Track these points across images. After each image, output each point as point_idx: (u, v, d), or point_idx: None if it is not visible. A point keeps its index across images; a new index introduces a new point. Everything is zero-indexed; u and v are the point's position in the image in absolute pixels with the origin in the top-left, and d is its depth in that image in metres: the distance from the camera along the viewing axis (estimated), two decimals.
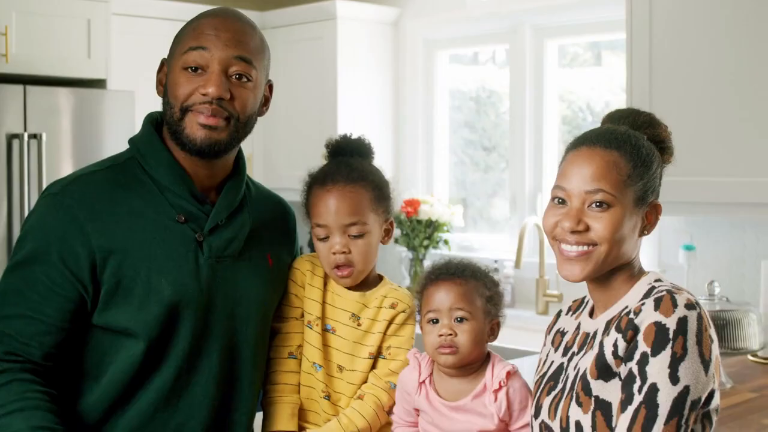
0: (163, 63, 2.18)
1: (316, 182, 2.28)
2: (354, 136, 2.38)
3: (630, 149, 1.88)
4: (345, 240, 2.22)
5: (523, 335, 4.23)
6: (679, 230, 4.24)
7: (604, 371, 1.81)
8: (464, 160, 5.52)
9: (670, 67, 3.79)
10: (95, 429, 2.07)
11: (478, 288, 2.11)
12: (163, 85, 2.15)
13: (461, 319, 2.08)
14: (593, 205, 1.86)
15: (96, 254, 2.01)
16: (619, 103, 4.60)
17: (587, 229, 1.85)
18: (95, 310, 2.04)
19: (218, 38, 2.07)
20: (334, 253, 2.22)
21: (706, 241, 4.16)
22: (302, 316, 2.30)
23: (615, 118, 2.00)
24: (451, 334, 2.07)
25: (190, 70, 2.07)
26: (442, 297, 2.09)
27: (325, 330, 2.27)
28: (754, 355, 3.63)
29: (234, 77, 2.09)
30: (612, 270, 1.90)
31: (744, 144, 3.59)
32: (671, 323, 1.74)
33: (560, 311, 2.15)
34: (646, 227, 1.91)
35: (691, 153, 3.66)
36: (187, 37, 2.10)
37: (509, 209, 5.06)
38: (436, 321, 2.10)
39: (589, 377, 1.83)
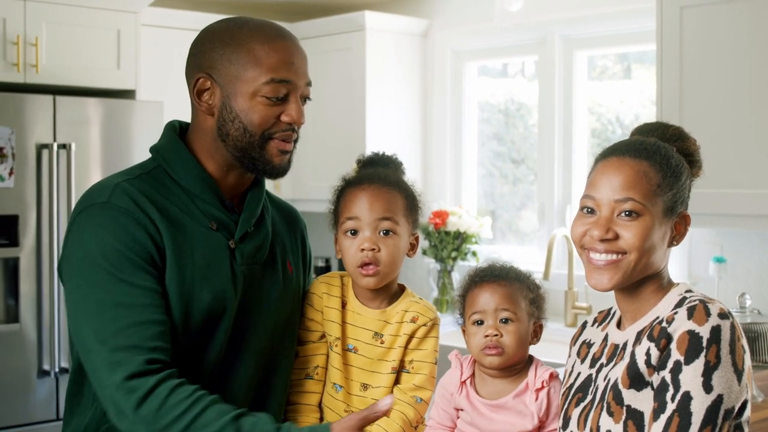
0: (200, 78, 2.12)
1: (351, 184, 2.30)
2: (387, 153, 2.43)
3: (660, 159, 1.87)
4: (375, 237, 2.22)
5: (551, 347, 4.20)
6: (709, 242, 4.21)
7: (636, 380, 1.80)
8: (493, 172, 5.50)
9: (700, 79, 3.77)
10: None
11: (522, 290, 2.15)
12: (212, 105, 2.12)
13: (506, 320, 2.12)
14: (623, 214, 1.86)
15: (161, 250, 2.03)
16: (649, 116, 4.58)
17: (616, 237, 1.86)
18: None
19: (298, 68, 2.11)
20: (362, 250, 2.21)
21: (736, 253, 4.13)
22: (321, 338, 2.31)
23: (644, 131, 2.00)
24: (497, 335, 2.10)
25: (271, 98, 2.09)
26: (488, 298, 2.13)
27: (346, 350, 2.27)
28: None
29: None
30: (641, 280, 1.90)
31: None
32: (704, 332, 1.74)
33: (585, 322, 2.16)
34: (676, 237, 1.91)
35: (721, 165, 3.63)
36: (262, 64, 2.08)
37: (538, 221, 5.05)
38: (480, 322, 2.13)
39: (620, 386, 1.82)
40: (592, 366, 1.98)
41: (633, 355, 1.83)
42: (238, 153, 2.11)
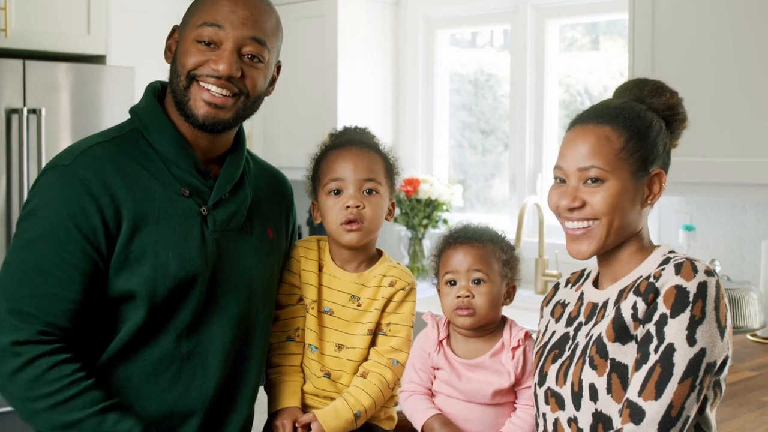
0: (174, 29, 2.16)
1: (333, 147, 2.32)
2: (359, 126, 2.42)
3: (622, 122, 1.90)
4: (359, 195, 2.24)
5: (522, 314, 4.21)
6: (679, 210, 4.24)
7: (621, 334, 1.83)
8: (462, 142, 5.51)
9: (672, 48, 3.79)
10: None
11: (495, 251, 2.15)
12: (172, 52, 2.14)
13: (478, 281, 2.12)
14: (588, 182, 1.89)
15: (111, 226, 2.00)
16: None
17: (584, 204, 1.89)
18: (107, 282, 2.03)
19: (235, 16, 2.06)
20: (347, 207, 2.23)
21: (706, 221, 4.17)
22: (299, 301, 2.32)
23: (621, 90, 2.03)
24: (468, 296, 2.11)
25: (203, 44, 2.06)
26: (460, 259, 2.13)
27: (322, 312, 2.29)
28: (754, 335, 3.65)
29: (246, 57, 2.08)
30: (621, 243, 1.92)
31: (745, 125, 3.59)
32: (692, 287, 1.77)
33: (557, 284, 2.18)
34: (650, 197, 1.93)
35: (692, 133, 3.59)
36: (203, 9, 2.08)
37: (509, 190, 5.06)
38: (453, 283, 2.14)
39: (605, 340, 1.84)
40: (568, 324, 2.01)
41: (619, 309, 1.85)
42: (175, 99, 2.11)
